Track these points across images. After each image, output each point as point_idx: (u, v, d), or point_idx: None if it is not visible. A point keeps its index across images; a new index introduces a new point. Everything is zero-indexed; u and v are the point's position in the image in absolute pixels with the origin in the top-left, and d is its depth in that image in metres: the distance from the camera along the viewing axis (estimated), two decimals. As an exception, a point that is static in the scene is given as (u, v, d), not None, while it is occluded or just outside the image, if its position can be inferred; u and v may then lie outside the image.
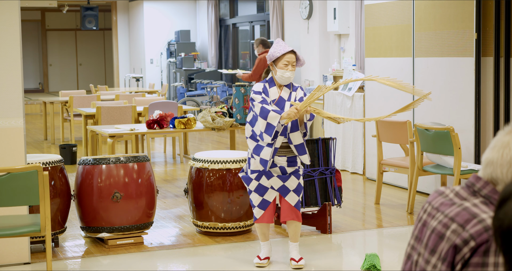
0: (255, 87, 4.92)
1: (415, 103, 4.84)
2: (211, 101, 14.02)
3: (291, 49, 4.90)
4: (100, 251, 5.45)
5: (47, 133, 12.53)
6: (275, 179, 4.94)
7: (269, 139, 4.77)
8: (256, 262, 5.09)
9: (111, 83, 21.88)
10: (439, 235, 1.78)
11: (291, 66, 4.87)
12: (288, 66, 4.86)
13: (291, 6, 12.96)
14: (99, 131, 7.25)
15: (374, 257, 4.97)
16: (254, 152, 4.89)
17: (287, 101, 4.92)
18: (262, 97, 4.85)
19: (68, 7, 18.18)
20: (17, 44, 5.10)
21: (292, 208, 4.97)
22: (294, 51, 4.92)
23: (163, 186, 8.04)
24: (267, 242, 5.11)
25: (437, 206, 1.84)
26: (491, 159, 1.73)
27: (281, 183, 4.95)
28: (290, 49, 4.89)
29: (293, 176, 4.96)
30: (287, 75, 4.87)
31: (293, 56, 4.89)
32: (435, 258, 1.78)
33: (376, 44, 8.02)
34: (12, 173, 4.42)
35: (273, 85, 4.95)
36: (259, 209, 4.99)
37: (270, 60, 4.90)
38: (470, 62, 6.73)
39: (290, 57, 4.88)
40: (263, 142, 4.83)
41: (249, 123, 4.93)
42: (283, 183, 4.95)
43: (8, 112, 5.10)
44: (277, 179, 4.94)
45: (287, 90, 4.96)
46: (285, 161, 4.91)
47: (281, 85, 4.96)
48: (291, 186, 4.96)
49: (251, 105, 4.90)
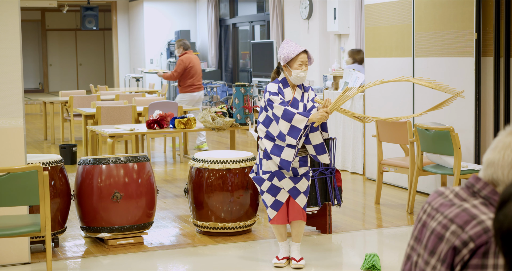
0: (270, 88, 4.87)
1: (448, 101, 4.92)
2: (211, 101, 14.01)
3: (304, 49, 4.89)
4: (100, 251, 5.45)
5: (47, 133, 12.53)
6: (287, 180, 4.92)
7: (294, 141, 4.73)
8: (274, 262, 5.06)
9: (111, 83, 21.87)
10: (439, 236, 1.77)
11: (304, 66, 4.87)
12: (302, 66, 4.86)
13: (291, 6, 12.96)
14: (99, 131, 7.25)
15: (374, 257, 4.97)
16: (272, 152, 4.83)
17: (300, 102, 4.91)
18: (281, 99, 4.80)
19: (68, 7, 18.18)
20: (17, 44, 5.10)
21: (300, 208, 4.97)
22: (306, 51, 4.91)
23: (163, 186, 8.04)
24: (284, 242, 5.08)
25: (436, 206, 1.83)
26: (492, 160, 1.73)
27: (292, 184, 4.93)
28: (303, 49, 4.87)
29: (304, 178, 4.96)
30: (302, 75, 4.87)
31: (305, 56, 4.88)
32: (435, 259, 1.77)
33: (376, 44, 8.02)
34: (12, 173, 4.42)
35: (287, 86, 4.93)
36: (272, 209, 4.97)
37: (285, 62, 4.86)
38: (470, 62, 6.72)
39: (303, 57, 4.87)
40: (283, 142, 4.79)
41: (262, 124, 4.87)
42: (294, 184, 4.93)
43: (8, 112, 5.10)
44: (288, 180, 4.92)
45: (300, 91, 4.96)
46: (297, 161, 4.92)
47: (294, 86, 4.95)
48: (301, 188, 4.96)
49: (267, 106, 4.83)
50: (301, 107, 4.90)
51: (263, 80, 13.36)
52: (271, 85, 4.90)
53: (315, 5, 11.72)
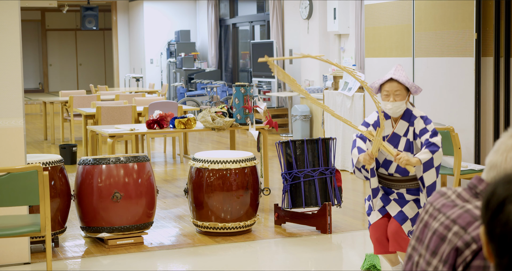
0: (367, 118, 4.43)
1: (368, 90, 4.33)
2: (211, 101, 14.01)
3: (390, 77, 4.27)
4: (100, 251, 5.44)
5: (47, 133, 12.53)
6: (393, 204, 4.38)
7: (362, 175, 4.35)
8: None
9: (111, 83, 21.87)
10: (441, 237, 1.77)
11: (393, 96, 4.24)
12: (389, 97, 4.25)
13: (291, 6, 12.96)
14: (99, 131, 7.25)
15: (374, 257, 4.97)
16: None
17: (403, 137, 4.30)
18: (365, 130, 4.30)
19: (68, 7, 18.17)
20: (17, 44, 5.09)
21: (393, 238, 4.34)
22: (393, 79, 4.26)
23: (163, 186, 8.03)
24: (396, 267, 4.55)
25: (438, 207, 1.83)
26: (495, 162, 1.72)
27: (399, 208, 4.34)
28: (388, 78, 4.28)
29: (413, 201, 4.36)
30: (389, 107, 4.25)
31: (393, 85, 4.24)
32: (436, 260, 1.77)
33: (376, 44, 8.02)
34: (12, 173, 4.42)
35: (388, 117, 4.35)
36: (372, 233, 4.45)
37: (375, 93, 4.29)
38: (470, 62, 6.72)
39: (389, 86, 4.25)
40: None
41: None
42: (400, 208, 4.34)
43: (8, 112, 5.10)
44: (394, 203, 4.37)
45: (404, 123, 4.31)
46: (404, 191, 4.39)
47: (397, 118, 4.33)
48: (409, 214, 4.33)
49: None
50: (402, 143, 4.31)
51: (263, 80, 13.36)
52: (372, 114, 4.41)
53: (315, 5, 11.72)
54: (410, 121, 4.30)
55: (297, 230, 5.97)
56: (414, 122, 4.29)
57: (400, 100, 4.23)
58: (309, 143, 5.91)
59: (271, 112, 12.53)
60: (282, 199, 6.02)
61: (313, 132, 11.28)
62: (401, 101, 4.24)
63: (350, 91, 8.63)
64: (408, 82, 4.24)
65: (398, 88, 4.24)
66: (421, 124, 4.27)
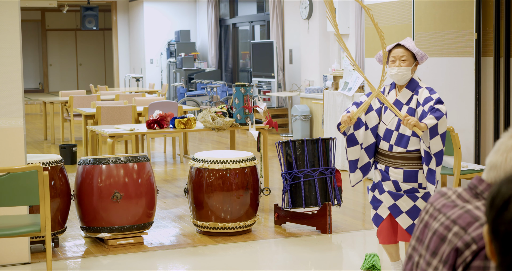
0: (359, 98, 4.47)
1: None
2: (211, 101, 14.01)
3: (397, 43, 4.35)
4: (100, 251, 5.44)
5: (47, 133, 12.53)
6: (386, 195, 4.35)
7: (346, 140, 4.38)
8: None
9: (111, 83, 21.87)
10: (441, 237, 1.77)
11: (399, 61, 4.28)
12: (396, 62, 4.29)
13: (291, 6, 12.96)
14: (99, 131, 7.25)
15: (374, 257, 4.97)
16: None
17: (404, 105, 4.30)
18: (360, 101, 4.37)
19: (68, 7, 18.18)
20: (17, 44, 5.09)
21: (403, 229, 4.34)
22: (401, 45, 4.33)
23: (163, 186, 8.03)
24: (396, 263, 4.54)
25: (439, 207, 1.83)
26: (495, 163, 1.72)
27: (392, 201, 4.32)
28: (395, 44, 4.36)
29: (406, 195, 4.30)
30: (394, 73, 4.28)
31: (400, 51, 4.30)
32: (436, 261, 1.77)
33: (376, 44, 8.02)
34: (12, 173, 4.42)
35: (393, 87, 4.40)
36: (374, 224, 4.47)
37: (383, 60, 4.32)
38: (470, 62, 6.72)
39: (395, 52, 4.31)
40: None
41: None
42: (394, 201, 4.32)
43: (8, 112, 5.10)
44: (387, 195, 4.34)
45: (408, 92, 4.32)
46: (401, 174, 4.31)
47: (401, 86, 4.34)
48: (403, 207, 4.30)
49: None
50: (404, 111, 4.29)
51: (263, 80, 13.35)
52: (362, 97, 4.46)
53: (315, 5, 11.72)
54: (415, 90, 4.30)
55: (297, 230, 5.97)
56: (418, 92, 4.29)
57: (406, 66, 4.26)
58: (309, 143, 5.91)
59: (271, 112, 12.54)
60: (282, 199, 6.02)
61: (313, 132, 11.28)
62: (406, 68, 4.27)
63: (350, 91, 8.62)
64: (415, 48, 4.29)
65: (404, 54, 4.28)
66: (426, 94, 4.25)
